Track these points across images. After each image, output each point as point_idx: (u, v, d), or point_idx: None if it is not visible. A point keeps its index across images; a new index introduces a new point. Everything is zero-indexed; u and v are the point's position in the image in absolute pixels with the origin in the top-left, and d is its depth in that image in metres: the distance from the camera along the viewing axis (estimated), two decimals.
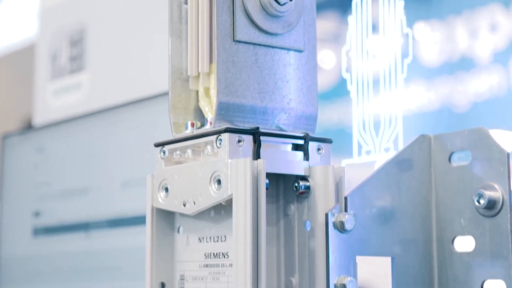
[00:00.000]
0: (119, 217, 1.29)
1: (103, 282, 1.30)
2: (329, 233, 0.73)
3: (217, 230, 0.76)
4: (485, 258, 0.75)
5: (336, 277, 0.73)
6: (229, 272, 0.74)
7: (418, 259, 0.78)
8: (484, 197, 0.75)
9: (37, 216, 1.45)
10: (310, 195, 0.75)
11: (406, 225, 0.78)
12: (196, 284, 0.77)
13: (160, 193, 0.78)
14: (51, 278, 1.40)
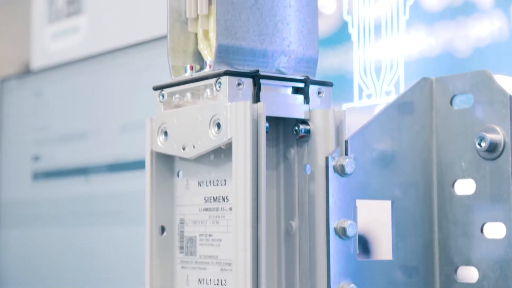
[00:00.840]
0: (118, 161, 1.29)
1: (103, 226, 1.30)
2: (329, 176, 0.73)
3: (216, 174, 0.75)
4: (485, 201, 0.75)
5: (336, 220, 0.73)
6: (229, 216, 0.74)
7: (418, 203, 0.78)
8: (485, 140, 0.74)
9: (37, 161, 1.45)
10: (310, 139, 0.74)
11: (407, 168, 0.78)
12: (196, 227, 0.77)
13: (159, 137, 0.78)
14: (51, 222, 1.41)
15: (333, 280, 0.72)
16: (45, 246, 1.42)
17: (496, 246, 0.74)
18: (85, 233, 1.34)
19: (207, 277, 0.75)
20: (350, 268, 0.73)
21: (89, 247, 1.33)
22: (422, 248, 0.78)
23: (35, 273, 1.44)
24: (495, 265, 0.74)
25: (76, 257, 1.35)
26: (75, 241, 1.36)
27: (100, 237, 1.31)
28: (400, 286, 0.76)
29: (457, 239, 0.77)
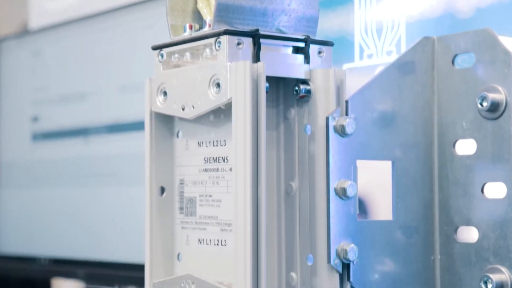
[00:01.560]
0: (117, 122, 1.28)
1: (102, 187, 1.30)
2: (330, 137, 0.73)
3: (216, 135, 0.75)
4: (486, 161, 0.75)
5: (336, 181, 0.73)
6: (228, 176, 0.73)
7: (418, 163, 0.78)
8: (487, 99, 0.74)
9: (36, 121, 1.44)
10: (311, 99, 0.74)
11: (407, 128, 0.77)
12: (196, 188, 0.77)
13: (158, 97, 0.77)
14: (50, 182, 1.41)
15: (333, 240, 0.72)
16: (44, 206, 1.42)
17: (496, 206, 0.74)
18: (84, 194, 1.34)
19: (207, 238, 0.75)
20: (350, 228, 0.73)
21: (88, 208, 1.33)
22: (422, 208, 0.78)
23: (34, 233, 1.44)
24: (495, 225, 0.74)
25: (75, 218, 1.36)
26: (74, 202, 1.36)
27: (100, 198, 1.31)
28: (400, 246, 0.76)
29: (457, 199, 0.77)
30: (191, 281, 0.73)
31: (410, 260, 0.77)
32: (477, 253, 0.75)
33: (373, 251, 0.75)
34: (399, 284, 0.76)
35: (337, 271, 0.72)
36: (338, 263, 0.72)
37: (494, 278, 0.73)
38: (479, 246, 0.75)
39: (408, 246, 0.77)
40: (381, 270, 0.75)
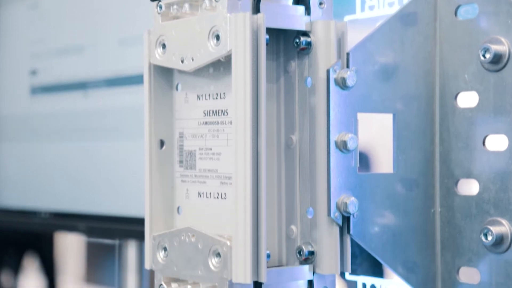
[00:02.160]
0: (116, 76, 1.27)
1: (101, 141, 1.30)
2: (330, 89, 0.72)
3: (216, 87, 0.74)
4: (488, 114, 0.74)
5: (337, 134, 0.72)
6: (228, 129, 0.73)
7: (420, 116, 0.77)
8: (490, 51, 0.73)
9: (34, 75, 1.44)
10: (311, 51, 0.73)
11: (409, 81, 0.77)
12: (195, 141, 0.76)
13: (157, 49, 0.77)
14: (49, 137, 1.40)
15: (333, 194, 0.72)
16: (44, 160, 1.42)
17: (497, 159, 0.74)
18: (84, 147, 1.34)
19: (207, 191, 0.75)
20: (350, 182, 0.73)
21: (88, 161, 1.33)
22: (423, 161, 0.77)
23: (35, 187, 1.44)
24: (496, 178, 0.73)
25: (75, 172, 1.36)
26: (74, 155, 1.36)
27: (99, 152, 1.31)
28: (400, 199, 0.76)
29: (458, 151, 0.76)
30: (191, 234, 0.73)
31: (410, 213, 0.77)
32: (477, 206, 0.75)
33: (373, 204, 0.75)
34: (399, 237, 0.76)
35: (337, 224, 0.72)
36: (338, 216, 0.72)
37: (494, 230, 0.73)
38: (479, 198, 0.75)
39: (408, 199, 0.77)
40: (381, 223, 0.75)
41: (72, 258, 4.88)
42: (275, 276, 0.72)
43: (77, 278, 4.00)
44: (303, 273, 0.73)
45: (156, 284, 0.76)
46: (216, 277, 0.71)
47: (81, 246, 4.85)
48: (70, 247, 4.36)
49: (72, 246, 4.45)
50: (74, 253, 4.81)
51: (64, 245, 3.79)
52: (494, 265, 0.73)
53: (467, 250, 0.75)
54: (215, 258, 0.71)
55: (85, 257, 4.53)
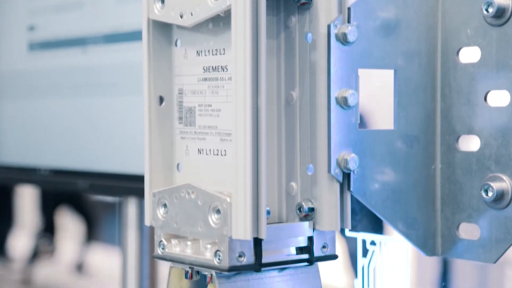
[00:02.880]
0: (115, 32, 1.26)
1: (100, 98, 1.29)
2: (331, 45, 0.71)
3: (215, 43, 0.74)
4: (490, 69, 0.73)
5: (338, 90, 0.72)
6: (228, 85, 0.72)
7: (421, 71, 0.77)
8: (493, 5, 0.72)
9: (32, 31, 1.42)
10: (312, 6, 0.72)
11: (410, 36, 0.76)
12: (195, 98, 0.76)
13: (156, 4, 0.76)
14: (48, 93, 1.40)
15: (333, 150, 0.72)
16: (44, 117, 1.42)
17: (499, 114, 0.73)
18: (83, 104, 1.33)
19: (207, 147, 0.75)
20: (351, 138, 0.73)
21: (88, 118, 1.33)
22: (424, 117, 0.77)
23: (34, 144, 1.44)
24: (497, 133, 0.73)
25: (75, 129, 1.35)
26: (73, 112, 1.35)
27: (99, 109, 1.30)
28: (400, 155, 0.76)
29: (460, 107, 0.76)
30: (191, 191, 0.73)
31: (410, 169, 0.76)
32: (478, 162, 0.75)
33: (373, 160, 0.74)
34: (399, 194, 0.76)
35: (337, 180, 0.72)
36: (339, 173, 0.72)
37: (495, 186, 0.72)
38: (480, 154, 0.75)
39: (408, 155, 0.76)
40: (382, 179, 0.75)
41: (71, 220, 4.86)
42: (275, 233, 0.72)
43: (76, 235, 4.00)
44: (303, 230, 0.73)
45: (156, 240, 0.76)
46: (216, 234, 0.71)
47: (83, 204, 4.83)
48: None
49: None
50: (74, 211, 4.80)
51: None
52: (494, 221, 0.73)
53: (467, 206, 0.75)
54: (215, 215, 0.71)
55: (86, 215, 4.54)
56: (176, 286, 0.76)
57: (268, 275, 0.73)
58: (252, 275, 0.72)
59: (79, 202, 3.26)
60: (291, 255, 0.74)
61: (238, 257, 0.70)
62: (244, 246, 0.70)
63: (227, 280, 0.71)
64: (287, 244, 0.74)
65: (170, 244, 0.75)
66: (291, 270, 0.74)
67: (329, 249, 0.75)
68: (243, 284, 0.72)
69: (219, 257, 0.70)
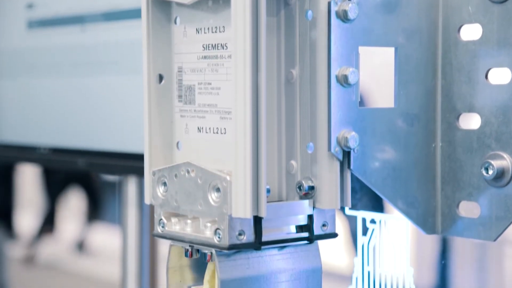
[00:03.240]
0: (114, 9, 1.26)
1: (99, 76, 1.29)
2: (331, 22, 0.71)
3: (215, 21, 0.73)
4: (492, 46, 0.73)
5: (338, 68, 0.71)
6: (228, 63, 0.72)
7: (422, 49, 0.76)
8: None
9: (31, 8, 1.42)
10: None
11: (411, 13, 0.75)
12: (195, 76, 0.75)
13: None
14: (47, 71, 1.39)
15: (333, 128, 0.72)
16: (42, 95, 1.41)
17: (500, 92, 0.73)
18: (82, 83, 1.32)
19: (206, 126, 0.74)
20: (351, 116, 0.72)
21: (87, 97, 1.32)
22: (424, 95, 0.77)
23: (33, 122, 1.44)
24: (498, 111, 0.73)
25: (74, 107, 1.35)
26: (73, 90, 1.35)
27: (98, 87, 1.30)
28: (401, 133, 0.76)
29: (460, 85, 0.76)
30: (191, 169, 0.73)
31: (411, 148, 0.76)
32: (479, 140, 0.74)
33: (374, 139, 0.74)
34: (399, 172, 0.76)
35: (337, 159, 0.72)
36: (339, 151, 0.72)
37: (495, 164, 0.72)
38: (481, 132, 0.74)
39: (409, 133, 0.76)
40: (382, 158, 0.75)
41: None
42: (275, 211, 0.72)
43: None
44: (303, 208, 0.73)
45: (156, 219, 0.76)
46: (216, 212, 0.71)
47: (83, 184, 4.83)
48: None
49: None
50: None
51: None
52: (495, 199, 0.73)
53: (468, 184, 0.75)
54: (215, 193, 0.71)
55: (86, 195, 4.54)
56: (176, 264, 0.76)
57: (268, 253, 0.73)
58: (252, 253, 0.72)
59: (82, 182, 3.27)
60: (291, 234, 0.74)
61: (238, 236, 0.70)
62: (244, 224, 0.70)
63: (227, 258, 0.71)
64: (287, 222, 0.74)
65: (170, 222, 0.75)
66: (291, 249, 0.74)
67: (329, 227, 0.75)
68: (243, 262, 0.72)
69: (219, 236, 0.70)
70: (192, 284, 0.76)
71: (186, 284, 0.77)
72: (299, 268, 0.74)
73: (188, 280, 0.77)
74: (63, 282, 4.84)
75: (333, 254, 1.25)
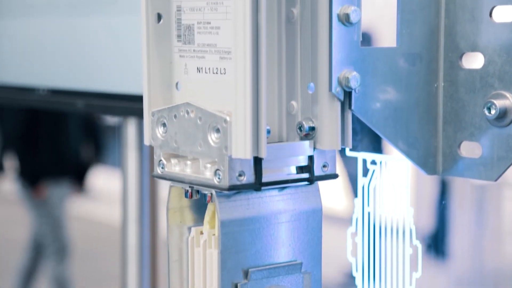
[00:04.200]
0: None
1: (99, 16, 1.27)
2: None
3: None
4: None
5: (339, 6, 0.70)
6: (227, 2, 0.71)
7: None
8: None
9: None
10: None
11: None
12: (194, 15, 0.74)
13: None
14: (45, 11, 1.38)
15: (335, 68, 0.71)
16: (41, 36, 1.40)
17: (504, 30, 0.72)
18: (81, 23, 1.31)
19: (206, 66, 0.73)
20: (352, 56, 0.71)
21: (86, 38, 1.31)
22: (427, 34, 0.76)
23: (32, 63, 1.43)
24: (502, 50, 0.72)
25: (73, 48, 1.34)
26: (72, 31, 1.33)
27: (97, 27, 1.28)
28: (403, 73, 0.75)
29: (464, 24, 0.74)
30: (190, 110, 0.72)
31: (412, 87, 0.75)
32: (481, 79, 0.74)
33: (375, 79, 0.73)
34: (401, 112, 0.75)
35: (338, 99, 0.71)
36: (340, 91, 0.71)
37: (498, 103, 0.72)
38: (484, 72, 0.73)
39: (411, 73, 0.75)
40: (383, 98, 0.74)
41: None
42: (275, 152, 0.71)
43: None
44: (304, 149, 0.73)
45: (156, 160, 0.76)
46: (216, 153, 0.70)
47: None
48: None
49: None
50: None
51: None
52: (496, 138, 0.73)
53: (470, 124, 0.75)
54: (215, 134, 0.70)
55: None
56: (176, 205, 0.76)
57: (268, 194, 0.73)
58: (252, 194, 0.72)
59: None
60: (291, 175, 0.73)
61: (238, 176, 0.70)
62: (244, 165, 0.70)
63: (227, 199, 0.71)
64: (287, 163, 0.73)
65: (169, 163, 0.75)
66: (291, 190, 0.74)
67: (329, 168, 0.74)
68: (243, 203, 0.71)
69: (219, 176, 0.70)
70: (192, 225, 0.76)
71: (186, 225, 0.76)
72: (299, 209, 0.74)
73: (188, 221, 0.77)
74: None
75: (333, 196, 1.25)
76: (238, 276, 0.71)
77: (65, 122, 3.01)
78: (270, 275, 0.72)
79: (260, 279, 0.72)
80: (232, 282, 0.71)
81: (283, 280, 0.73)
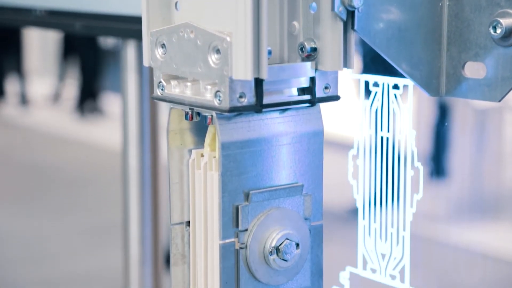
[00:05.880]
0: None
1: None
2: None
3: None
4: None
5: None
6: None
7: None
8: None
9: None
10: None
11: None
12: None
13: None
14: None
15: None
16: None
17: None
18: None
19: None
20: None
21: None
22: None
23: None
24: None
25: None
26: None
27: None
28: None
29: None
30: (190, 30, 0.71)
31: (416, 7, 0.74)
32: None
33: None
34: (405, 32, 0.74)
35: (341, 19, 0.70)
36: (343, 11, 0.70)
37: (504, 22, 0.70)
38: None
39: None
40: (387, 18, 0.72)
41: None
42: (276, 73, 0.70)
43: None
44: (305, 70, 0.71)
45: (155, 81, 0.75)
46: (216, 74, 0.69)
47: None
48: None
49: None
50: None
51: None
52: (501, 58, 0.71)
53: (474, 44, 0.73)
54: (215, 55, 0.69)
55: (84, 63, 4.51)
56: (176, 128, 0.75)
57: (269, 116, 0.72)
58: (253, 116, 0.71)
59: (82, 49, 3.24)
60: (292, 96, 0.72)
61: (239, 98, 0.69)
62: (244, 86, 0.69)
63: (228, 121, 0.70)
64: (289, 85, 0.72)
65: (169, 85, 0.74)
66: (292, 111, 0.73)
67: (331, 90, 0.73)
68: (243, 125, 0.71)
69: (219, 98, 0.69)
70: (192, 147, 0.76)
71: (186, 147, 0.76)
72: (301, 131, 0.73)
73: (188, 143, 0.76)
74: (64, 148, 4.89)
75: (334, 118, 1.24)
76: (239, 198, 0.71)
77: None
78: (271, 197, 0.72)
79: (261, 201, 0.71)
80: (233, 204, 0.70)
81: (284, 202, 0.73)
